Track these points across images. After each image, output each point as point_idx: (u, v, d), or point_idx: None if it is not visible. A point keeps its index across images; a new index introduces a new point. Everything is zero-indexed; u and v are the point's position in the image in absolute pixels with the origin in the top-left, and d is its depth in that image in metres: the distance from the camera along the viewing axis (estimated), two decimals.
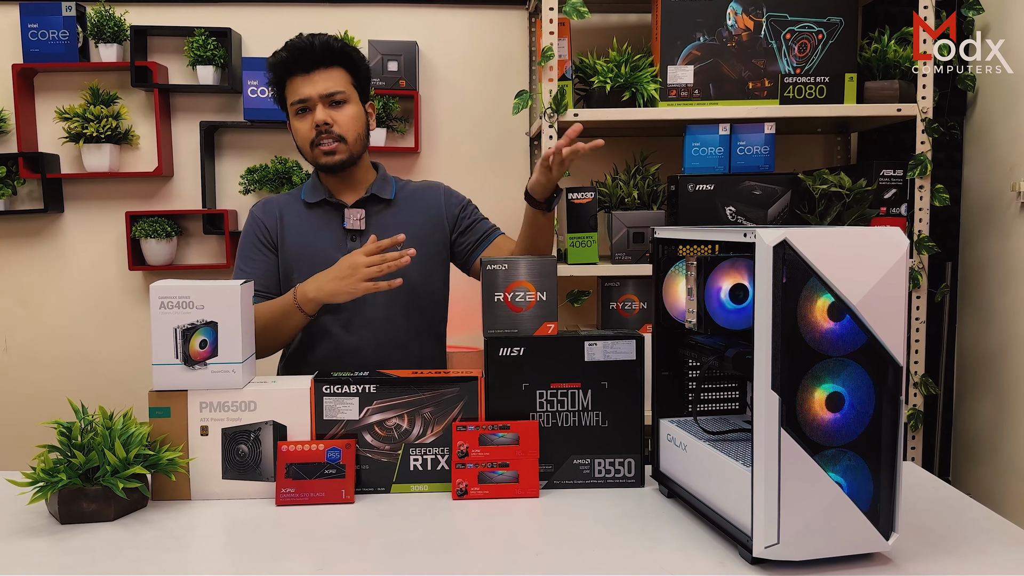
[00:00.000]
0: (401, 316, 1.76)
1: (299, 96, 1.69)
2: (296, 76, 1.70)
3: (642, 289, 2.35)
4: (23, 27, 2.53)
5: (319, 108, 1.69)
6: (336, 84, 1.70)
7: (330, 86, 1.69)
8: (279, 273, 1.76)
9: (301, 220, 1.77)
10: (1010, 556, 1.10)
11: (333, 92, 1.70)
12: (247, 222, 1.80)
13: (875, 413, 1.04)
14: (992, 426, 2.37)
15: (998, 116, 2.36)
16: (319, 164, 1.73)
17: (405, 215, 1.79)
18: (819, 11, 2.30)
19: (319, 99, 1.69)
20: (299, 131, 1.72)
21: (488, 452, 1.32)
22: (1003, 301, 2.32)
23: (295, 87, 1.70)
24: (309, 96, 1.69)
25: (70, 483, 1.21)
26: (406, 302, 1.75)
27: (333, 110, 1.70)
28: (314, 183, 1.80)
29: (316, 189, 1.79)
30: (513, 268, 1.36)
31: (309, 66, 1.69)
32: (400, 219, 1.78)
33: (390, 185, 1.81)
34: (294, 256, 1.74)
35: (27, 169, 2.56)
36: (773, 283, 1.00)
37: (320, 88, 1.69)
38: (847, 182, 2.17)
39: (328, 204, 1.77)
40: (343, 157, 1.71)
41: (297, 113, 1.71)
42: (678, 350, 1.33)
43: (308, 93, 1.69)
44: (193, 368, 1.30)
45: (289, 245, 1.75)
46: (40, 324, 2.70)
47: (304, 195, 1.79)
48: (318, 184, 1.79)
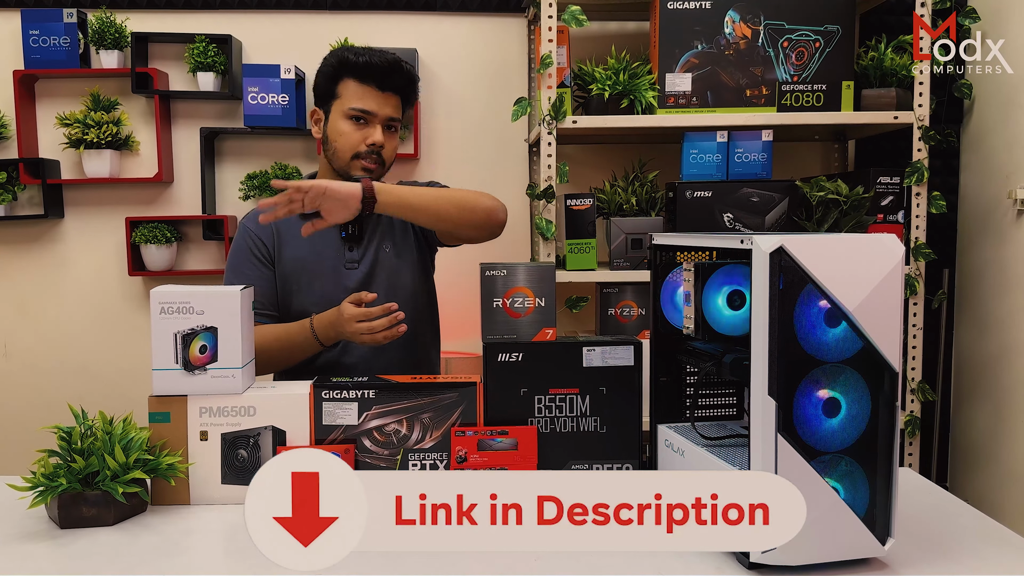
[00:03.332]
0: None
1: (365, 107, 1.67)
2: (369, 85, 1.68)
3: (640, 295, 2.36)
4: (24, 33, 2.54)
5: (379, 129, 1.69)
6: (399, 112, 1.72)
7: (396, 113, 1.71)
8: (277, 287, 1.73)
9: (297, 230, 1.73)
10: (1006, 562, 1.11)
11: (396, 119, 1.71)
12: (239, 235, 1.76)
13: (871, 419, 1.05)
14: (989, 432, 2.38)
15: (994, 124, 2.37)
16: (349, 175, 1.70)
17: (397, 221, 1.79)
18: (816, 19, 2.31)
19: (383, 120, 1.69)
20: (348, 137, 1.68)
21: (487, 457, 1.32)
22: (1000, 308, 2.33)
23: (363, 95, 1.68)
24: (376, 113, 1.68)
25: (70, 488, 1.21)
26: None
27: (387, 134, 1.71)
28: None
29: None
30: (512, 274, 1.36)
31: (387, 85, 1.68)
32: (393, 225, 1.78)
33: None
34: (292, 269, 1.72)
35: (28, 175, 2.56)
36: (770, 289, 1.01)
37: (389, 111, 1.69)
38: (844, 189, 2.18)
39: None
40: (376, 179, 1.70)
41: (352, 119, 1.68)
42: (676, 356, 1.34)
43: (376, 110, 1.68)
44: (193, 373, 1.31)
45: (287, 257, 1.72)
46: (40, 329, 2.70)
47: None
48: None
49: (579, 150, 2.70)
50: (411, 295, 1.75)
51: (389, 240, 1.76)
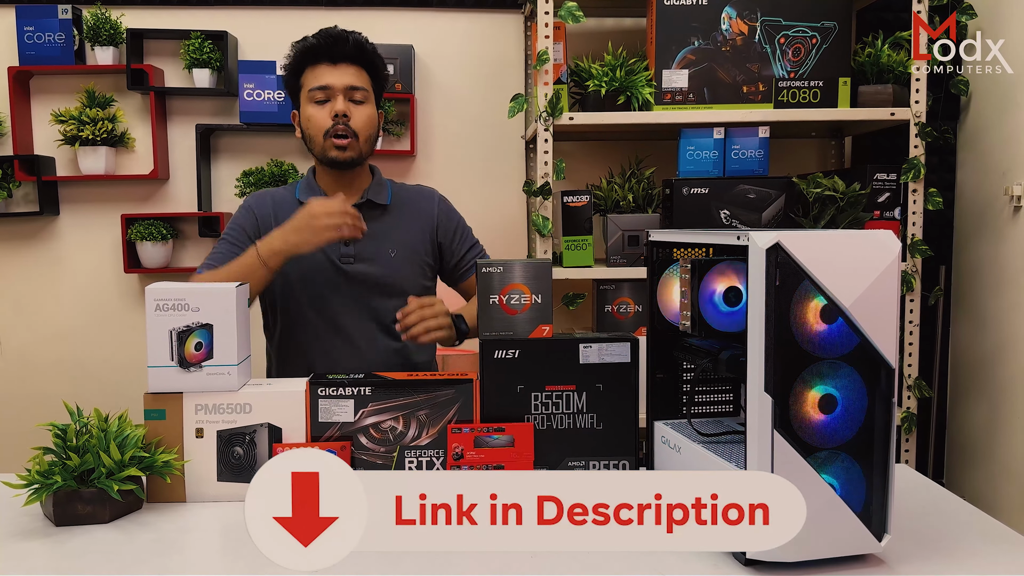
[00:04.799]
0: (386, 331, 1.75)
1: (322, 83, 1.68)
2: (321, 64, 1.69)
3: (637, 292, 2.36)
4: (19, 30, 2.53)
5: (340, 99, 1.68)
6: (360, 81, 1.71)
7: (355, 81, 1.69)
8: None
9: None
10: (1002, 558, 1.11)
11: (357, 87, 1.70)
12: (240, 208, 1.78)
13: (868, 415, 1.05)
14: (985, 429, 2.38)
15: (991, 120, 2.37)
16: (327, 157, 1.70)
17: (398, 221, 1.78)
18: (813, 16, 2.31)
19: (342, 90, 1.68)
20: (314, 119, 1.69)
21: (483, 454, 1.32)
22: (996, 304, 2.33)
23: (318, 74, 1.69)
24: (332, 85, 1.68)
25: (65, 485, 1.21)
26: (391, 315, 1.75)
27: (352, 106, 1.70)
28: (309, 182, 1.79)
29: (311, 188, 1.77)
30: (508, 271, 1.36)
31: (338, 57, 1.69)
32: (393, 224, 1.77)
33: (386, 190, 1.80)
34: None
35: (23, 172, 2.56)
36: (766, 286, 1.01)
37: (346, 80, 1.68)
38: (841, 186, 2.19)
39: None
40: (353, 154, 1.70)
41: (315, 101, 1.69)
42: (672, 353, 1.34)
43: (332, 82, 1.68)
44: (188, 370, 1.30)
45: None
46: (35, 327, 2.70)
47: (298, 194, 1.77)
48: (314, 183, 1.78)
49: (576, 147, 2.70)
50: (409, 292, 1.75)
51: (394, 247, 1.76)
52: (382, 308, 1.73)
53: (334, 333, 1.73)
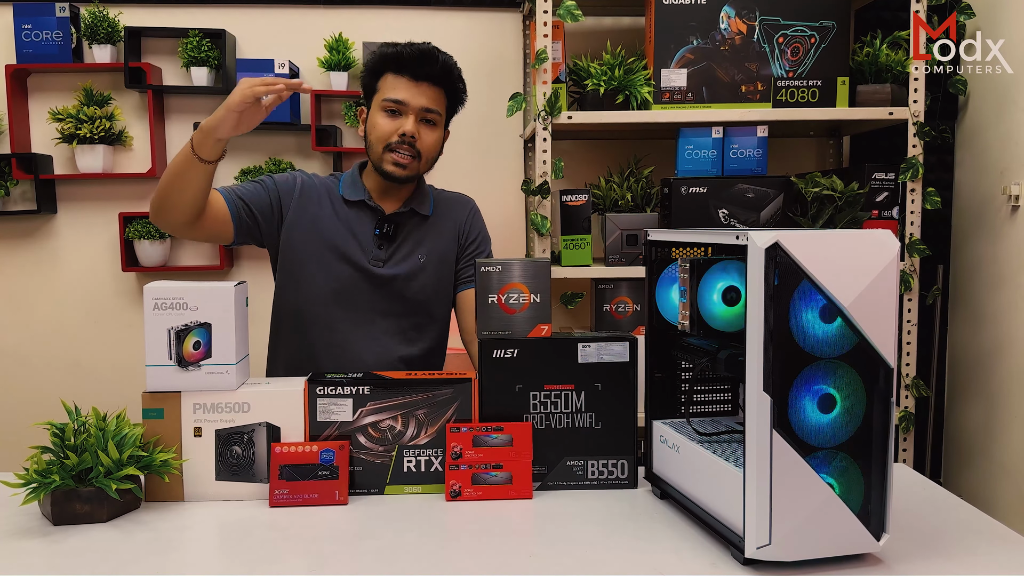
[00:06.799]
0: (409, 328, 1.75)
1: (398, 97, 1.65)
2: (403, 77, 1.66)
3: (635, 291, 2.36)
4: (16, 28, 2.52)
5: (411, 119, 1.66)
6: (437, 104, 1.69)
7: (431, 104, 1.68)
8: (260, 227, 1.70)
9: (334, 214, 1.73)
10: (1000, 557, 1.11)
11: (432, 110, 1.68)
12: (283, 174, 1.76)
13: (866, 415, 1.05)
14: (983, 428, 2.39)
15: (989, 120, 2.37)
16: (382, 170, 1.68)
17: (436, 229, 1.78)
18: (812, 15, 2.31)
19: (416, 110, 1.67)
20: (381, 128, 1.67)
21: (482, 453, 1.32)
22: (994, 304, 2.33)
23: (396, 86, 1.66)
24: (408, 103, 1.66)
25: (63, 484, 1.21)
26: (414, 319, 1.75)
27: (423, 126, 1.68)
28: (354, 180, 1.76)
29: (356, 187, 1.75)
30: (507, 270, 1.36)
31: (422, 76, 1.66)
32: (428, 232, 1.77)
33: (428, 200, 1.79)
34: (315, 247, 1.70)
35: (20, 170, 2.55)
36: (765, 285, 1.01)
37: (422, 101, 1.66)
38: (839, 185, 2.19)
39: (366, 207, 1.74)
40: (410, 173, 1.69)
41: (386, 111, 1.67)
42: (671, 352, 1.34)
43: (409, 100, 1.66)
44: (187, 369, 1.30)
45: (309, 234, 1.71)
46: (33, 325, 2.69)
47: (342, 190, 1.75)
48: (359, 183, 1.76)
49: (574, 146, 2.70)
50: (432, 303, 1.77)
51: (424, 252, 1.75)
52: (403, 313, 1.73)
53: (351, 337, 1.72)
